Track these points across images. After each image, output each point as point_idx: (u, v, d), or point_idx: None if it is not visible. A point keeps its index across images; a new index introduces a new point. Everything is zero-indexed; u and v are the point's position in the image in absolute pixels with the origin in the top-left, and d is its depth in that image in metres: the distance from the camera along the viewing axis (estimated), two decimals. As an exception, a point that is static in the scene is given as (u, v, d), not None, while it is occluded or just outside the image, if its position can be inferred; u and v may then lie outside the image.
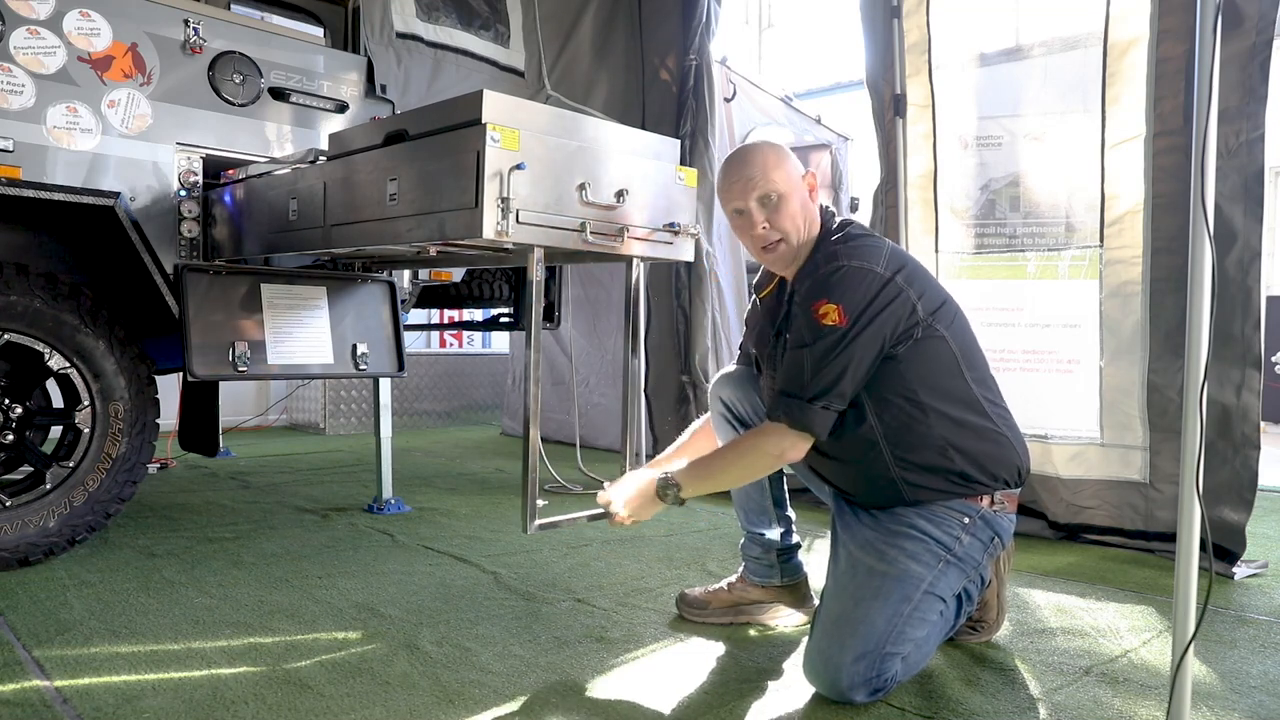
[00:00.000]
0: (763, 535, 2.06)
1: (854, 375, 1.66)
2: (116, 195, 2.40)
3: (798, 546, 2.11)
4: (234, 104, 2.63)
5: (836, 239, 1.76)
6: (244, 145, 2.65)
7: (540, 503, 1.82)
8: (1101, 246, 2.79)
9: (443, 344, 6.51)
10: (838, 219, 1.84)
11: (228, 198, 2.51)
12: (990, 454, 1.74)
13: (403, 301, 2.95)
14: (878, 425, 1.73)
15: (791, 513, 2.09)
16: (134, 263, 2.47)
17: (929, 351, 1.70)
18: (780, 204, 1.77)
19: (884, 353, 1.67)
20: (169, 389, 3.17)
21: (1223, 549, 2.49)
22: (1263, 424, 3.45)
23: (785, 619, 2.06)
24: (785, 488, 2.09)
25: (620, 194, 1.84)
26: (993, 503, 1.75)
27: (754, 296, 2.02)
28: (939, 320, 1.72)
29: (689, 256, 2.05)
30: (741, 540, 2.12)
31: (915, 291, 1.69)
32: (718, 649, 1.92)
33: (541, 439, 1.89)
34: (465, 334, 6.58)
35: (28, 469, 2.52)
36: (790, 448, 1.70)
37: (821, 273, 1.69)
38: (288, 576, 2.38)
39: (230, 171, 2.59)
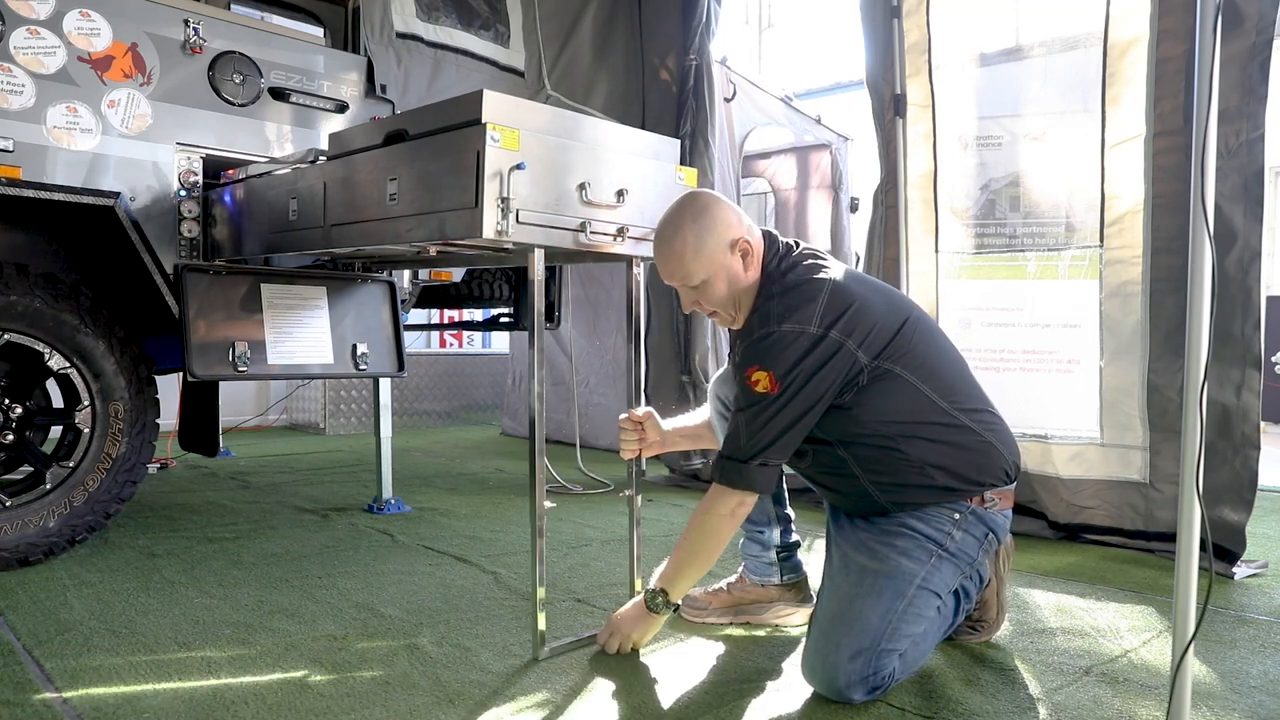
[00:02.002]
0: (762, 534, 2.06)
1: (793, 434, 1.67)
2: (116, 195, 2.40)
3: (797, 545, 2.11)
4: (234, 104, 2.63)
5: (775, 290, 1.71)
6: (244, 145, 2.66)
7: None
8: (1101, 246, 2.79)
9: (443, 344, 6.52)
10: (783, 252, 1.78)
11: (228, 198, 2.51)
12: (973, 463, 1.74)
13: (403, 301, 2.95)
14: (850, 460, 1.74)
15: (791, 511, 2.09)
16: (134, 263, 2.47)
17: (883, 390, 1.68)
18: (704, 288, 1.75)
19: (828, 404, 1.67)
20: (169, 389, 3.17)
21: (1223, 549, 2.49)
22: (1263, 424, 3.45)
23: (786, 618, 2.06)
24: (785, 486, 2.09)
25: (620, 194, 1.84)
26: (983, 501, 1.75)
27: None
28: (889, 357, 1.68)
29: (689, 256, 2.04)
30: (741, 539, 2.12)
31: (856, 340, 1.65)
32: (718, 649, 1.92)
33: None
34: (465, 334, 6.59)
35: (28, 469, 2.52)
36: (739, 505, 1.73)
37: (755, 335, 1.68)
38: (288, 576, 2.38)
39: (230, 171, 2.59)
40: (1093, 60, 2.77)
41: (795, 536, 2.10)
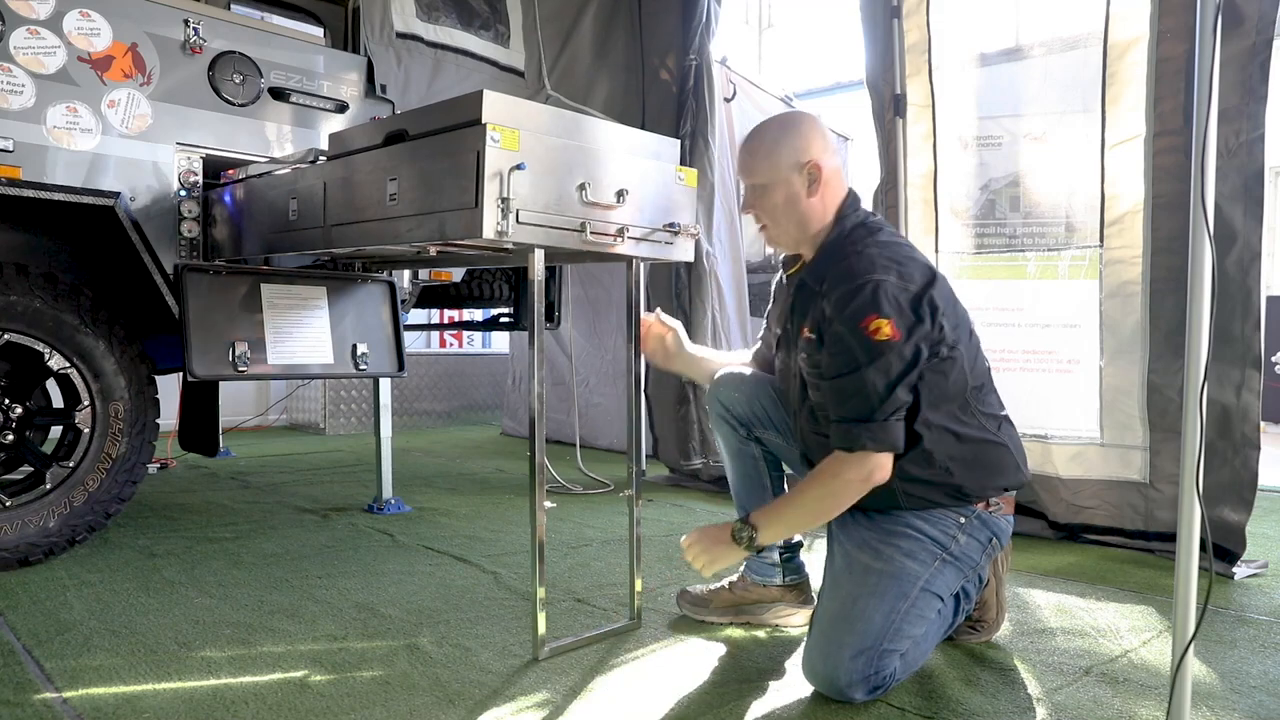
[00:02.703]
0: None
1: (911, 384, 1.64)
2: (116, 195, 2.40)
3: (799, 546, 2.11)
4: (234, 104, 2.63)
5: (867, 240, 1.72)
6: (244, 145, 2.66)
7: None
8: (1101, 246, 2.79)
9: (443, 344, 6.51)
10: (868, 214, 1.81)
11: (228, 198, 2.51)
12: (991, 465, 1.75)
13: (403, 301, 2.95)
14: None
15: None
16: (134, 263, 2.47)
17: (944, 372, 1.69)
18: (762, 194, 1.79)
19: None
20: (169, 389, 3.17)
21: (1223, 549, 2.49)
22: (1263, 424, 3.45)
23: (786, 618, 2.06)
24: (786, 488, 2.09)
25: (620, 194, 1.84)
26: (988, 505, 1.75)
27: (780, 273, 2.00)
28: (961, 338, 1.72)
29: (689, 257, 2.04)
30: (742, 540, 2.12)
31: (943, 307, 1.68)
32: (718, 649, 1.92)
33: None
34: (465, 334, 6.58)
35: (28, 469, 2.52)
36: (877, 469, 1.64)
37: (857, 281, 1.63)
38: (288, 576, 2.38)
39: (230, 171, 2.59)
40: (1093, 60, 2.77)
41: (798, 537, 2.10)
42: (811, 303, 1.75)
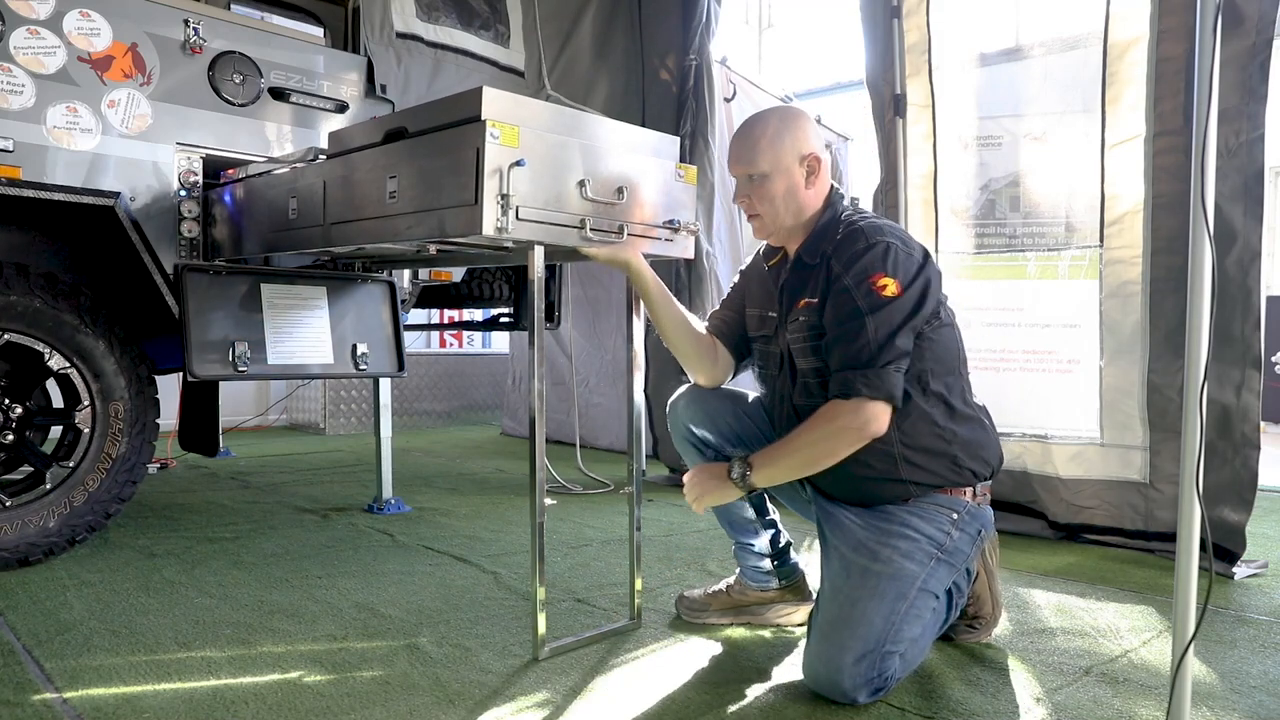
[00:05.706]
0: (752, 545, 2.05)
1: (910, 334, 1.68)
2: (116, 195, 2.40)
3: (789, 546, 2.10)
4: (234, 104, 2.63)
5: (865, 215, 1.80)
6: (244, 145, 2.66)
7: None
8: (1101, 246, 2.79)
9: (443, 344, 6.52)
10: (851, 204, 1.87)
11: (228, 197, 2.51)
12: (979, 441, 1.79)
13: (403, 301, 2.95)
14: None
15: (775, 514, 2.08)
16: (134, 263, 2.47)
17: (943, 338, 1.75)
18: (762, 184, 1.81)
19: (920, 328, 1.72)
20: (169, 389, 3.17)
21: (1223, 549, 2.49)
22: (1263, 424, 3.45)
23: (787, 617, 2.06)
24: (764, 494, 2.06)
25: (620, 191, 1.84)
26: (974, 495, 1.79)
27: (761, 261, 2.00)
28: (948, 310, 1.79)
29: (689, 254, 2.05)
30: (733, 548, 2.11)
31: (935, 277, 1.74)
32: (717, 649, 1.92)
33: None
34: (465, 334, 6.58)
35: (28, 469, 2.52)
36: (872, 419, 1.65)
37: (871, 244, 1.69)
38: (288, 576, 2.38)
39: (230, 171, 2.59)
40: (1093, 60, 2.77)
41: (785, 538, 2.09)
42: (810, 276, 1.79)
